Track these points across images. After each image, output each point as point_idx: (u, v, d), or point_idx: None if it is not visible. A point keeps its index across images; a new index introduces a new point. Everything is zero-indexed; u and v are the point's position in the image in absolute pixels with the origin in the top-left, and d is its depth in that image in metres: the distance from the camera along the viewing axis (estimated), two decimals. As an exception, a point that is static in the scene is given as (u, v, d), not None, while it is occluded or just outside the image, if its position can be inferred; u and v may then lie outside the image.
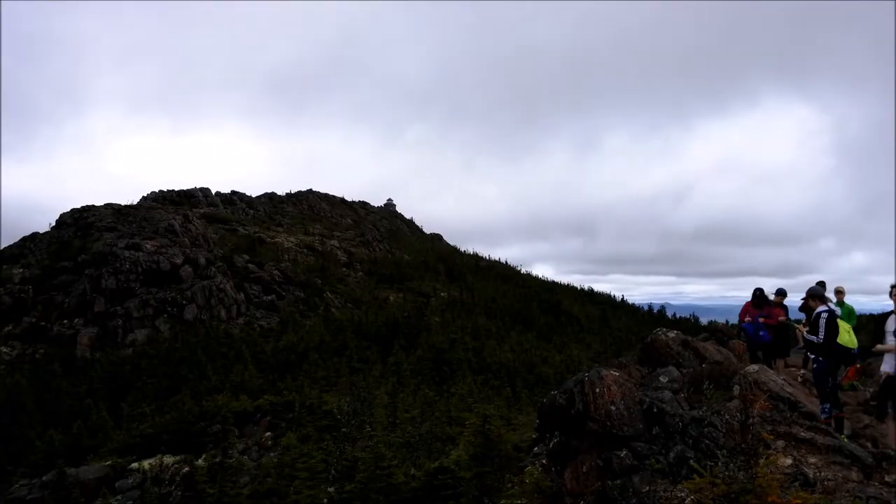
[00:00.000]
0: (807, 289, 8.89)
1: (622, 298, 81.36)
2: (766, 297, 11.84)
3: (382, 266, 66.14)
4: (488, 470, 10.17)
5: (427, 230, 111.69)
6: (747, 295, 12.01)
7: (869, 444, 7.59)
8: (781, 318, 11.42)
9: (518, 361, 35.14)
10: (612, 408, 7.31)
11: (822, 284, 10.43)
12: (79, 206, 57.73)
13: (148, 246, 46.72)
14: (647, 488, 6.37)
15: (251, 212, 79.87)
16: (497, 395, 27.22)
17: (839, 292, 11.55)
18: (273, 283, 52.02)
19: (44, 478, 18.48)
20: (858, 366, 11.35)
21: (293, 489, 13.12)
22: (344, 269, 63.66)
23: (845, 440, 7.29)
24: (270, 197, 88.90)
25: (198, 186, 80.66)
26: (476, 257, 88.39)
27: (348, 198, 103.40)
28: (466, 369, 31.52)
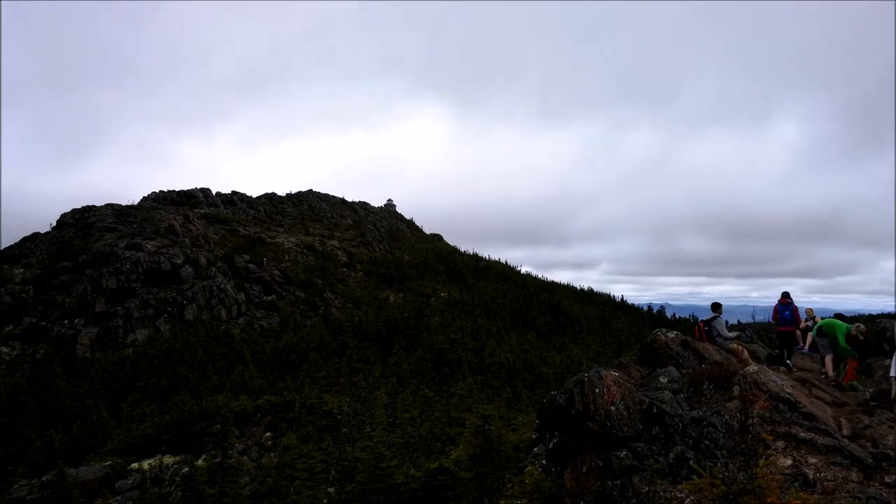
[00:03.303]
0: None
1: (622, 299, 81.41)
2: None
3: (382, 266, 66.14)
4: (488, 470, 10.17)
5: (427, 230, 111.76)
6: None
7: (869, 445, 7.57)
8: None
9: (518, 362, 35.13)
10: (612, 408, 7.31)
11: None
12: (79, 206, 57.81)
13: (149, 246, 46.74)
14: (647, 489, 6.37)
15: (251, 212, 79.91)
16: (497, 395, 27.21)
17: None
18: (273, 283, 52.03)
19: (44, 478, 18.47)
20: (857, 365, 11.39)
21: (293, 489, 13.13)
22: (344, 269, 63.65)
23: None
24: (270, 197, 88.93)
25: (198, 187, 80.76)
26: (476, 257, 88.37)
27: (348, 198, 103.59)
28: (466, 369, 31.52)
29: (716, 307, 12.52)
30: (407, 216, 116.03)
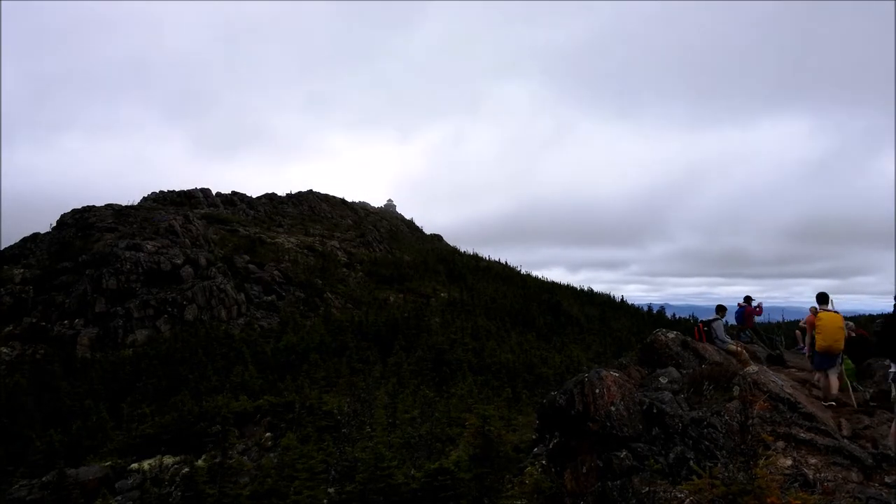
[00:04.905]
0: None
1: (622, 299, 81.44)
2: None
3: (382, 266, 66.15)
4: (488, 471, 10.18)
5: (427, 231, 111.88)
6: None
7: (869, 445, 7.57)
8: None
9: (518, 362, 35.10)
10: (612, 408, 7.32)
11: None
12: (79, 206, 57.85)
13: (149, 246, 46.76)
14: (647, 489, 6.38)
15: (251, 212, 79.94)
16: (497, 395, 27.19)
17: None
18: (273, 283, 52.04)
19: (44, 478, 18.47)
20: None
21: (293, 490, 13.14)
22: (344, 269, 63.65)
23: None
24: (271, 197, 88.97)
25: (198, 187, 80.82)
26: (476, 258, 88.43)
27: (348, 198, 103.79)
28: (466, 370, 31.50)
29: (719, 309, 12.53)
30: (407, 216, 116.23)
